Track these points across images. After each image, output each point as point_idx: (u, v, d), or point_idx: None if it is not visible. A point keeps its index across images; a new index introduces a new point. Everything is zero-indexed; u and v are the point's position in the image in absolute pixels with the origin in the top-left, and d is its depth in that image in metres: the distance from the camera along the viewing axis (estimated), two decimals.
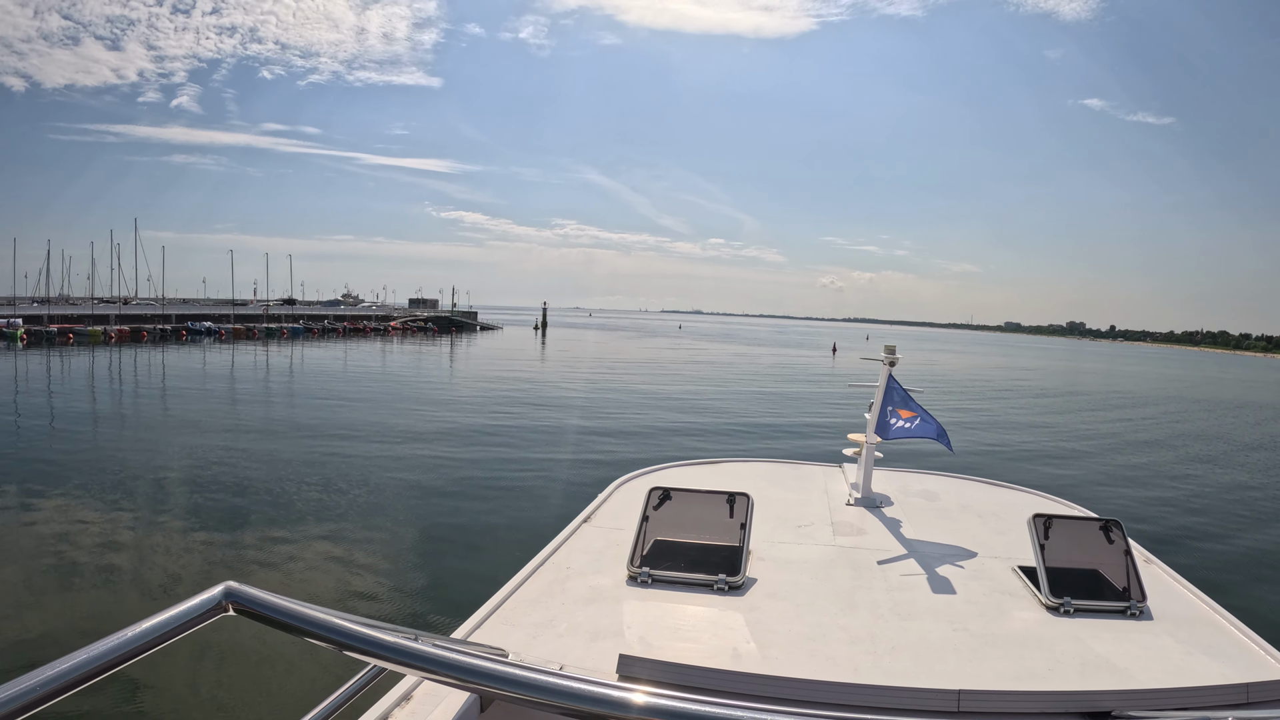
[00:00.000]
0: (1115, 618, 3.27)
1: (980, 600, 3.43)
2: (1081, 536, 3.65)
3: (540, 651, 2.70)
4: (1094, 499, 14.39)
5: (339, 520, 11.93)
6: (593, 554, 3.79)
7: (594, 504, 4.72)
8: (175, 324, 66.92)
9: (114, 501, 12.43)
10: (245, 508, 12.33)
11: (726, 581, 3.36)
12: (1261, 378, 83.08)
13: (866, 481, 5.15)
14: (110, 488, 13.30)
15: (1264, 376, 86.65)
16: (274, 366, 40.85)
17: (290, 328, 74.78)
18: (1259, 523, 14.68)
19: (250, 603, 1.19)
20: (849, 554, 4.03)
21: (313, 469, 15.19)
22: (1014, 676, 2.67)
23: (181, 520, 11.56)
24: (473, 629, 2.89)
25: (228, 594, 1.18)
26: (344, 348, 57.79)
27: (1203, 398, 46.77)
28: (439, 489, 14.15)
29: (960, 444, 20.61)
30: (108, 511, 11.84)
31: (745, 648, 2.82)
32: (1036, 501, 5.45)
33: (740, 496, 3.73)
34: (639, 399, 30.02)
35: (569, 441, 19.45)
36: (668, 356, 60.96)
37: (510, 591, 3.25)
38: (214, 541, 10.68)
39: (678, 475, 5.48)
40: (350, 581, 9.53)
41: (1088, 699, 1.74)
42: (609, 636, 2.84)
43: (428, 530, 11.63)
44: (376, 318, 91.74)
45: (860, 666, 2.70)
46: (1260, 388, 62.81)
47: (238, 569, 9.78)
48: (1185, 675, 2.69)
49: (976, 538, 4.43)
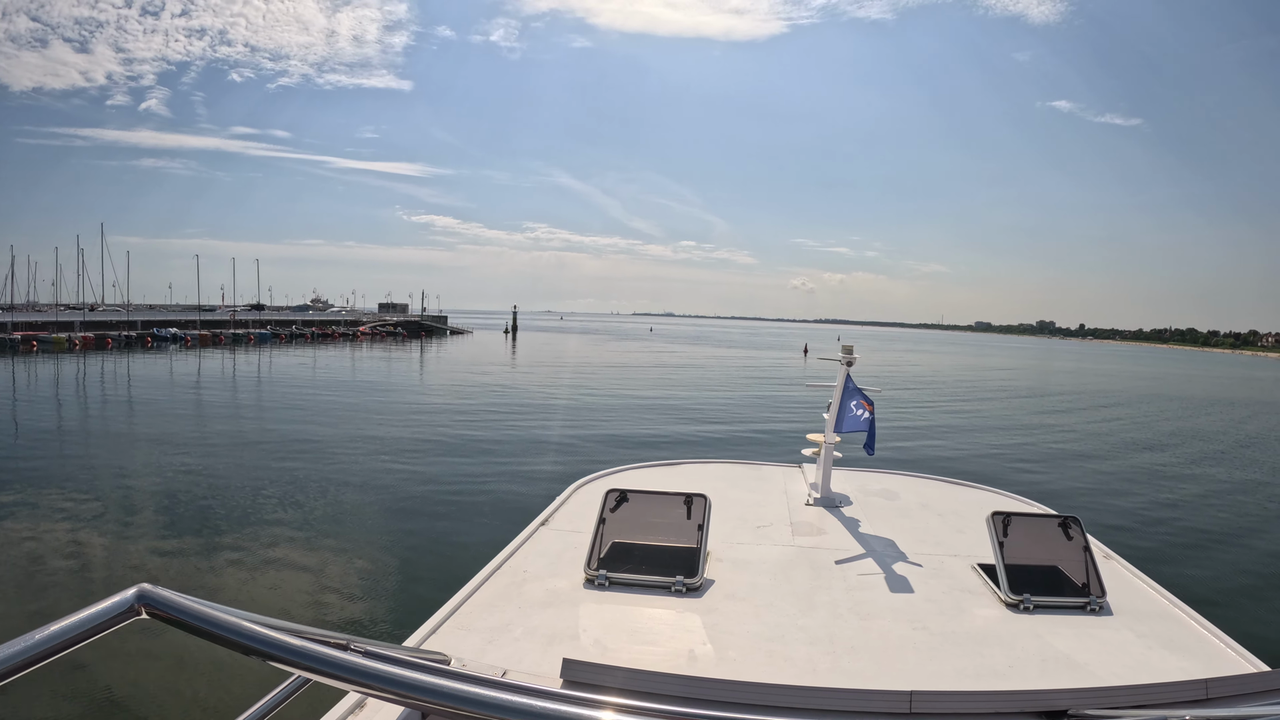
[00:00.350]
0: (1075, 613, 3.28)
1: (939, 599, 3.42)
2: (1040, 533, 3.65)
3: (494, 656, 2.65)
4: (1096, 506, 14.70)
5: (292, 530, 11.68)
6: (550, 557, 3.75)
7: (551, 507, 4.68)
8: (141, 330, 65.71)
9: (54, 513, 12.08)
10: (182, 516, 12.11)
11: (684, 583, 3.34)
12: (1235, 374, 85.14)
13: (826, 481, 5.13)
14: (53, 503, 12.89)
15: (1236, 373, 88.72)
16: (236, 374, 39.97)
17: (257, 333, 73.52)
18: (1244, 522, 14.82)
19: (165, 606, 1.12)
20: (808, 554, 4.01)
21: (267, 483, 14.87)
22: (974, 675, 2.67)
23: (126, 529, 11.30)
24: (427, 634, 2.83)
25: (141, 596, 1.11)
26: (311, 354, 56.83)
27: (1189, 396, 47.27)
28: (401, 500, 13.87)
29: (956, 448, 21.26)
30: (45, 522, 11.49)
31: (702, 650, 2.79)
32: (996, 499, 5.45)
33: (697, 498, 3.71)
34: (611, 403, 29.96)
35: (537, 451, 19.26)
36: (639, 360, 60.91)
37: (466, 596, 3.21)
38: (163, 549, 10.45)
39: (636, 477, 5.43)
40: (296, 587, 9.33)
41: (1043, 698, 1.69)
42: (564, 640, 2.81)
43: (385, 540, 11.41)
44: (345, 323, 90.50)
45: (819, 667, 2.69)
46: (1241, 384, 64.07)
47: (178, 577, 9.52)
48: (1145, 671, 2.74)
49: (936, 536, 4.44)
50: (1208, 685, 1.69)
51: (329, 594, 9.19)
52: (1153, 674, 2.73)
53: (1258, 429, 31.16)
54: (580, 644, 2.79)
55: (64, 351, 51.82)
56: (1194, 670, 2.81)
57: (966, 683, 2.59)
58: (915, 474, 6.14)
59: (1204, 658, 2.94)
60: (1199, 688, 1.69)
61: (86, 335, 58.04)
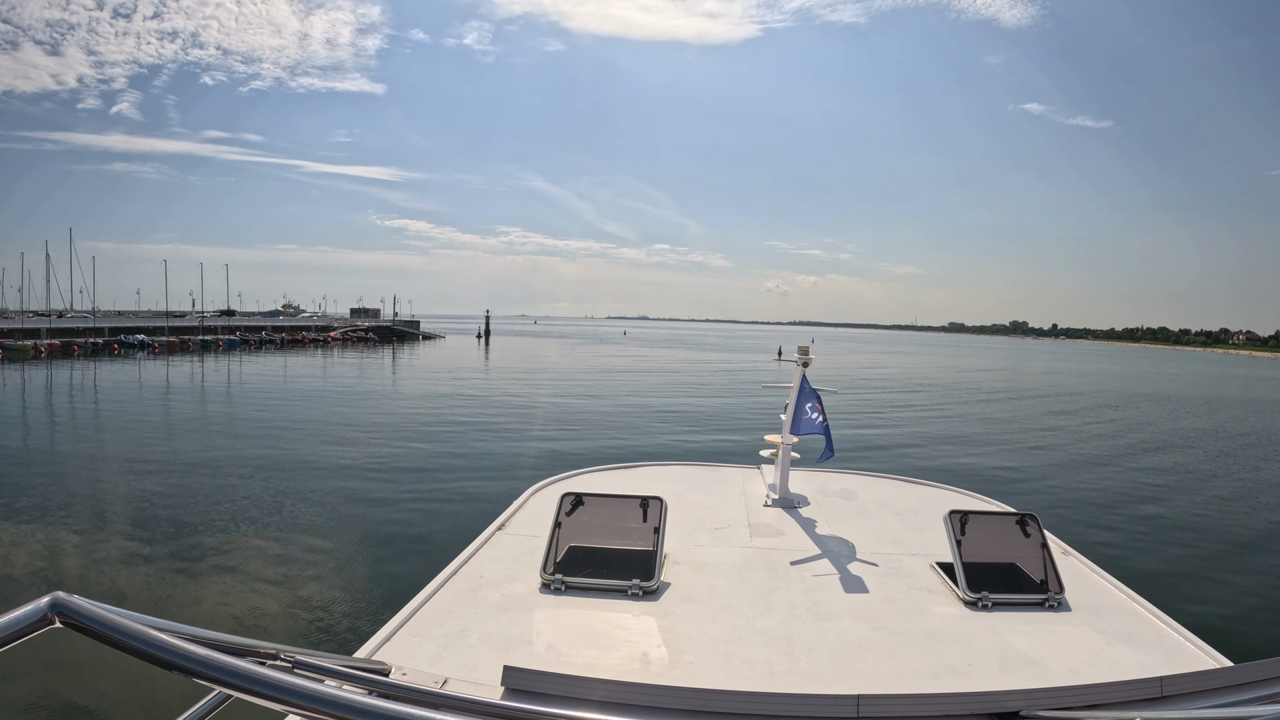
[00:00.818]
0: (1033, 610, 3.29)
1: (898, 598, 3.43)
2: (998, 531, 3.66)
3: (445, 664, 2.60)
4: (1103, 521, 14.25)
5: (241, 540, 11.43)
6: (505, 562, 3.74)
7: (508, 511, 4.64)
8: (108, 337, 64.68)
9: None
10: (120, 525, 11.84)
11: (641, 586, 3.33)
12: (1222, 373, 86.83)
13: (784, 482, 5.14)
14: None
15: (1220, 371, 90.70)
16: (201, 382, 39.25)
17: (226, 340, 72.54)
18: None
19: (80, 616, 1.08)
20: (766, 555, 4.00)
21: (218, 493, 14.56)
22: (931, 674, 2.66)
23: (59, 537, 11.03)
24: (381, 642, 2.79)
25: (55, 605, 1.07)
26: (280, 360, 55.99)
27: (1182, 395, 47.72)
28: (358, 509, 13.58)
29: (962, 458, 20.38)
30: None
31: (657, 654, 2.77)
32: (953, 498, 5.49)
33: (653, 500, 3.69)
34: (584, 411, 29.84)
35: (504, 463, 19.03)
36: (612, 365, 60.83)
37: (422, 602, 3.17)
38: (95, 558, 10.27)
39: (594, 480, 5.45)
40: (243, 598, 9.13)
41: (994, 699, 1.69)
42: (520, 646, 2.80)
43: (340, 551, 11.21)
44: (316, 328, 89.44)
45: (775, 669, 2.67)
46: (1231, 383, 65.25)
47: (109, 588, 9.27)
48: (1104, 666, 2.76)
49: (894, 535, 4.46)
50: (1162, 683, 1.68)
51: (276, 605, 8.99)
52: (1112, 669, 2.75)
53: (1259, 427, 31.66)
54: (534, 650, 2.77)
55: (30, 359, 51.20)
56: (1153, 665, 2.82)
57: (924, 682, 2.60)
58: (874, 473, 6.16)
59: (1163, 652, 2.95)
60: (1153, 685, 1.69)
61: (53, 342, 57.06)
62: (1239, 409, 40.20)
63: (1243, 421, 33.70)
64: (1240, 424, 32.56)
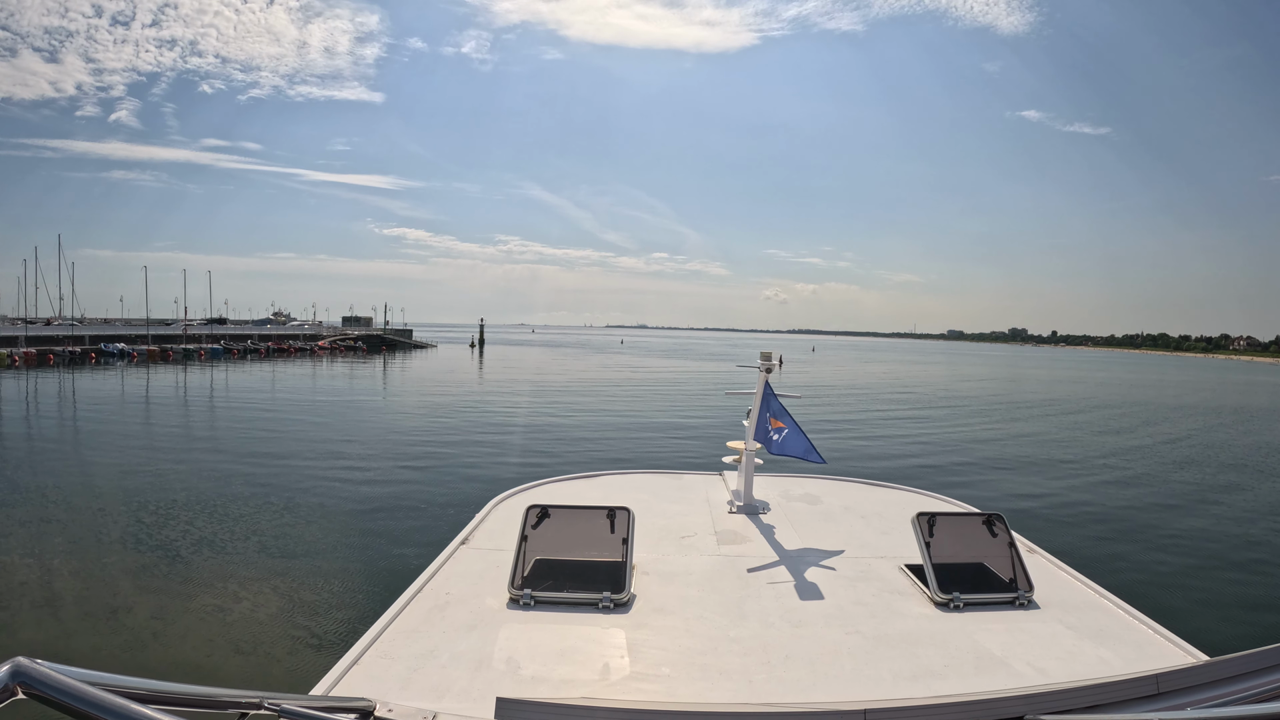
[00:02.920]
0: (1004, 609, 3.35)
1: (870, 601, 3.43)
2: (965, 532, 3.70)
3: (420, 687, 2.52)
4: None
5: (196, 572, 10.24)
6: (472, 577, 3.65)
7: (471, 525, 4.53)
8: (89, 345, 64.14)
9: None
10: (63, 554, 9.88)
11: (611, 599, 3.28)
12: (1241, 380, 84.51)
13: (748, 489, 5.12)
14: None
15: (1238, 379, 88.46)
16: (170, 394, 37.15)
17: (209, 348, 71.18)
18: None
19: (47, 686, 0.99)
20: (734, 563, 3.99)
21: (167, 519, 12.58)
22: (910, 677, 2.68)
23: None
24: (349, 665, 2.66)
25: (16, 674, 0.97)
26: (262, 370, 54.17)
27: (1224, 406, 45.77)
28: (323, 534, 11.94)
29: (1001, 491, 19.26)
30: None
31: (634, 668, 2.72)
32: (917, 499, 5.51)
33: (620, 511, 3.65)
34: (580, 433, 27.61)
35: (476, 479, 17.12)
36: (608, 376, 58.63)
37: (388, 622, 3.07)
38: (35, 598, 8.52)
39: (556, 490, 5.43)
40: (207, 633, 8.50)
41: (997, 706, 1.66)
42: (492, 665, 2.72)
43: (305, 577, 9.96)
44: (303, 337, 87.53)
45: (754, 680, 2.65)
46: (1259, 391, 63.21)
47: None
48: (1078, 662, 2.84)
49: (861, 539, 4.46)
50: (1158, 680, 1.69)
51: (244, 635, 8.43)
52: (1087, 665, 2.80)
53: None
54: (509, 668, 2.69)
55: (5, 368, 50.71)
56: (1128, 658, 2.88)
57: (904, 685, 2.61)
58: (836, 477, 6.17)
59: (1134, 645, 3.01)
60: (1149, 683, 1.69)
61: (29, 351, 56.51)
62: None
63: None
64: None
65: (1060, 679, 2.47)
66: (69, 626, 8.51)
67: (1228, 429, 32.60)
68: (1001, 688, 2.29)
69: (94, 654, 7.82)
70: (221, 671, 7.45)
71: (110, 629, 8.48)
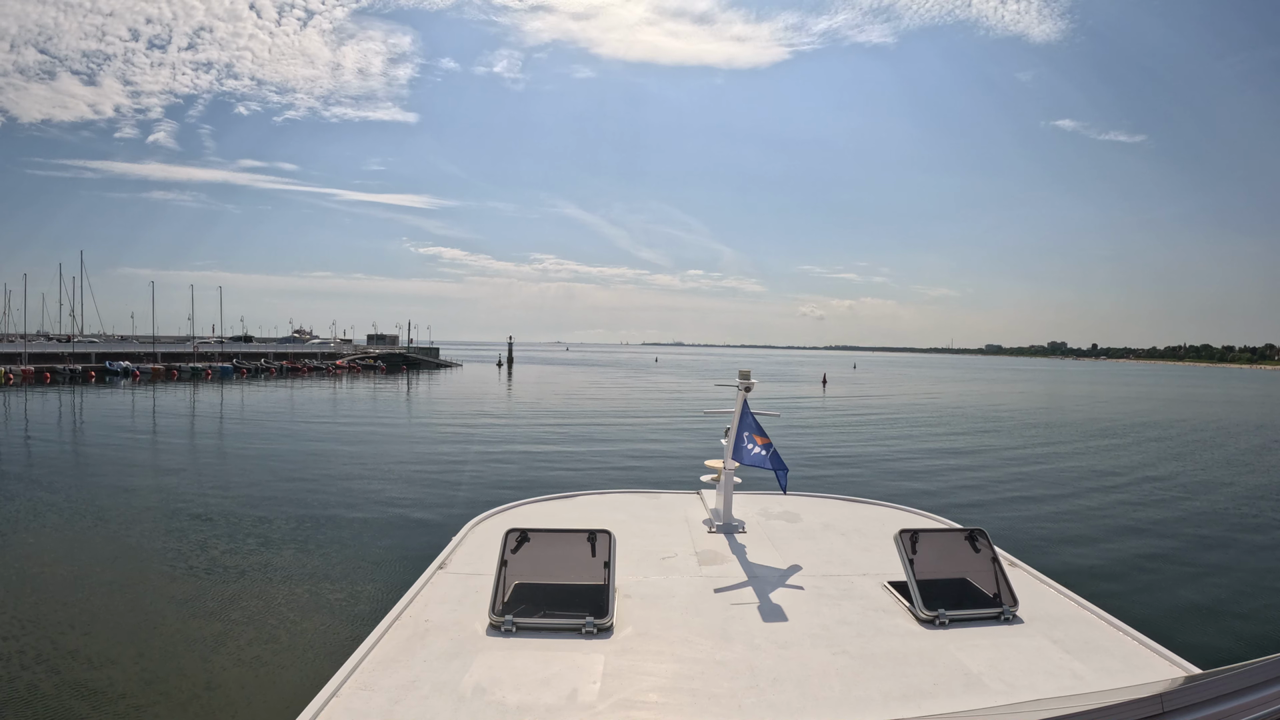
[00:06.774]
0: (989, 624, 3.29)
1: (855, 620, 3.37)
2: (948, 548, 3.64)
3: (403, 719, 2.44)
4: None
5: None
6: (451, 603, 3.51)
7: (448, 549, 4.35)
8: (95, 363, 61.95)
9: None
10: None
11: (594, 624, 3.19)
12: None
13: (727, 507, 5.06)
14: None
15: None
16: (160, 416, 32.65)
17: (218, 367, 67.78)
18: None
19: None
20: (716, 584, 3.90)
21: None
22: (900, 696, 2.63)
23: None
24: (328, 698, 2.56)
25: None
26: (267, 391, 50.13)
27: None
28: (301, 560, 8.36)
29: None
30: None
31: (621, 695, 2.65)
32: (896, 515, 5.46)
33: (601, 534, 3.55)
34: (605, 471, 22.32)
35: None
36: (634, 401, 53.22)
37: (367, 650, 2.96)
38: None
39: (533, 512, 5.33)
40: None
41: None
42: (476, 696, 2.62)
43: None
44: (321, 356, 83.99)
45: (743, 704, 2.59)
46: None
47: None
48: (1066, 676, 2.75)
49: (842, 556, 4.41)
50: (1163, 700, 1.64)
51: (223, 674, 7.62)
52: (1074, 680, 2.74)
53: None
54: (493, 698, 2.59)
55: (2, 385, 49.52)
56: (1115, 670, 2.82)
57: (894, 706, 2.55)
58: (815, 494, 6.08)
59: (1120, 658, 2.97)
60: (1154, 703, 1.65)
61: (27, 369, 54.61)
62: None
63: None
64: None
65: (1050, 694, 2.45)
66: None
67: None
68: (993, 705, 2.30)
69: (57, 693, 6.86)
70: (194, 705, 6.87)
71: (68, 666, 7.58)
